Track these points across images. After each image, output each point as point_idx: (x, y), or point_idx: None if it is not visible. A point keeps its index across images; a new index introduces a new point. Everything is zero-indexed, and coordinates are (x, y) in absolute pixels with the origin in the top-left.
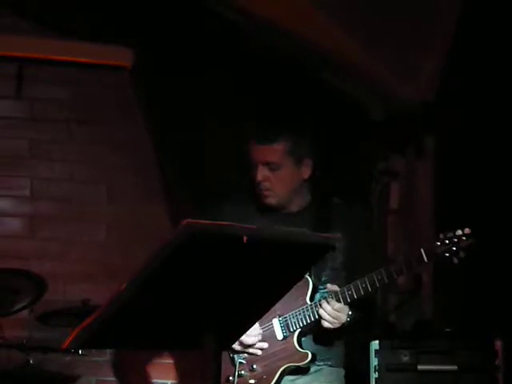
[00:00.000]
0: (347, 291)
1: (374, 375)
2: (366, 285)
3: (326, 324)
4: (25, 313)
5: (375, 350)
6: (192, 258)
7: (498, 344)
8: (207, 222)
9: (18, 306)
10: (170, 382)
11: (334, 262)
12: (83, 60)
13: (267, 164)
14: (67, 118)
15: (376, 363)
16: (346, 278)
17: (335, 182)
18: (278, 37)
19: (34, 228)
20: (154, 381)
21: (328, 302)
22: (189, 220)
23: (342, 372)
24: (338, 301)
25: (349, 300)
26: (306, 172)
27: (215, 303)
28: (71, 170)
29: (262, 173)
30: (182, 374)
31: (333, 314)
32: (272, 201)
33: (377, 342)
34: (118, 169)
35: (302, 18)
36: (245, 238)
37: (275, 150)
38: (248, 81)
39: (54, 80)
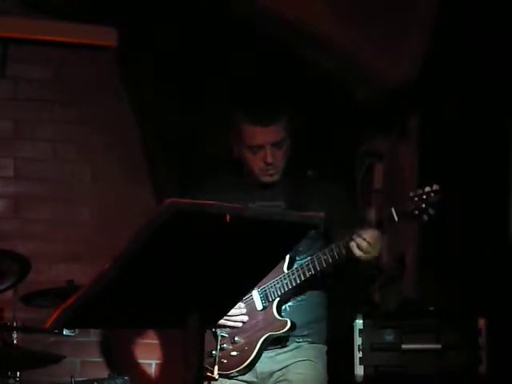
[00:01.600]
0: (322, 256)
1: (358, 354)
2: (340, 249)
3: (357, 253)
4: (9, 293)
5: (359, 330)
6: (175, 237)
7: (482, 322)
8: (190, 201)
9: (1, 287)
10: (154, 362)
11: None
12: (68, 40)
13: (274, 144)
14: (51, 98)
15: (360, 342)
16: (322, 246)
17: (318, 162)
18: (260, 13)
19: (17, 208)
20: (139, 361)
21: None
22: (172, 199)
23: (324, 349)
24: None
25: (330, 261)
26: (292, 139)
27: (199, 282)
28: (55, 150)
29: (271, 154)
30: (167, 354)
31: (366, 244)
32: (276, 178)
33: (361, 321)
34: (103, 149)
35: None
36: (228, 217)
37: (280, 129)
38: (232, 57)
39: (38, 60)
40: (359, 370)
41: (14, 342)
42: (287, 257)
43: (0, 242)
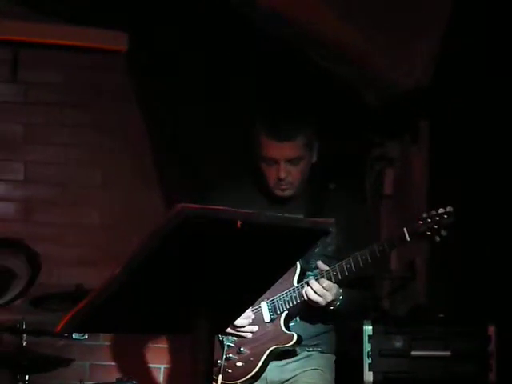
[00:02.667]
0: (332, 272)
1: (367, 360)
2: (351, 265)
3: (312, 296)
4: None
5: (368, 336)
6: (186, 242)
7: (491, 330)
8: (201, 206)
9: (15, 291)
10: (163, 366)
11: (325, 249)
12: (78, 44)
13: (289, 160)
14: (62, 102)
15: (369, 348)
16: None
17: (330, 168)
18: (272, 20)
19: (28, 212)
20: (148, 365)
21: (317, 280)
22: (182, 204)
23: (333, 358)
24: (329, 279)
25: (333, 280)
26: (315, 157)
27: (209, 288)
28: (65, 154)
29: (285, 169)
30: (176, 359)
31: (320, 291)
32: (289, 193)
33: (370, 327)
34: (113, 153)
35: (298, 1)
36: (239, 223)
37: (297, 146)
38: (243, 65)
39: (49, 64)
40: (368, 376)
41: (23, 344)
42: (298, 270)
43: None
